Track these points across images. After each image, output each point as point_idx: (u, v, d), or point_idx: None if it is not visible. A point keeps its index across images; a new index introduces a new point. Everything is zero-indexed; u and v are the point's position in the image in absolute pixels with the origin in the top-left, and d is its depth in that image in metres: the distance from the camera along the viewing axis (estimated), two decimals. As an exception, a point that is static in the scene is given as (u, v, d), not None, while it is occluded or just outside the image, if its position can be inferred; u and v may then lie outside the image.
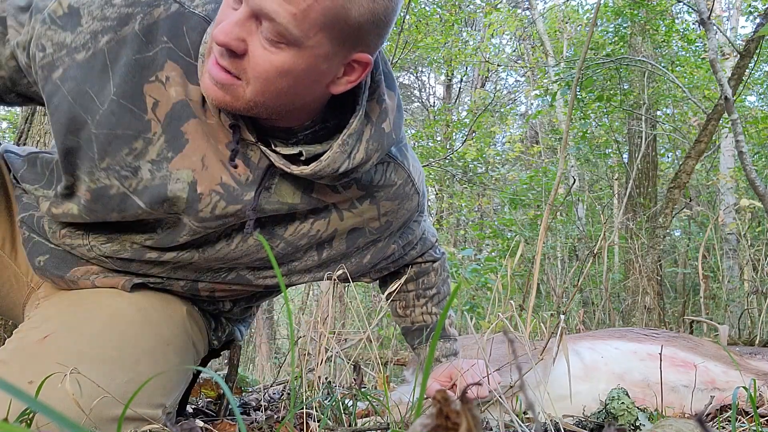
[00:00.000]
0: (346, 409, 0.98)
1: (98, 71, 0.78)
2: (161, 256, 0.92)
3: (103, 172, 0.81)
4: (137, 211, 0.84)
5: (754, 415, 0.65)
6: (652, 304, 3.00)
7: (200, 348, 1.04)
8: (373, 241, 1.02)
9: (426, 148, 7.74)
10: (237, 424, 0.93)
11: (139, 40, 0.78)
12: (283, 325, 7.86)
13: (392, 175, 0.95)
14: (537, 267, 1.41)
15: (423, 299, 1.19)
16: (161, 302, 0.97)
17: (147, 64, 0.78)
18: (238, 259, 0.95)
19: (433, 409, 0.27)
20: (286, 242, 0.93)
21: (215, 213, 0.85)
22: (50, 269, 0.94)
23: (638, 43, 5.34)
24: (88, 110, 0.78)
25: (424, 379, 0.33)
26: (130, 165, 0.81)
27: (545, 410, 1.07)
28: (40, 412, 0.23)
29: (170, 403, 0.92)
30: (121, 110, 0.78)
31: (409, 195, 0.99)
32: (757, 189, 2.35)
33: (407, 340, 1.22)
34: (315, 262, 1.00)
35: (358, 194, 0.93)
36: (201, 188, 0.83)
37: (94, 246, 0.92)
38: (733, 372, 1.22)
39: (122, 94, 0.78)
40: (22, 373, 0.79)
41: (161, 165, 0.81)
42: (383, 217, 0.98)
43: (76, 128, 0.79)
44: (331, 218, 0.93)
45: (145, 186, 0.82)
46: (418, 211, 1.05)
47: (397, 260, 1.13)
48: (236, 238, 0.92)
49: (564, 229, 5.16)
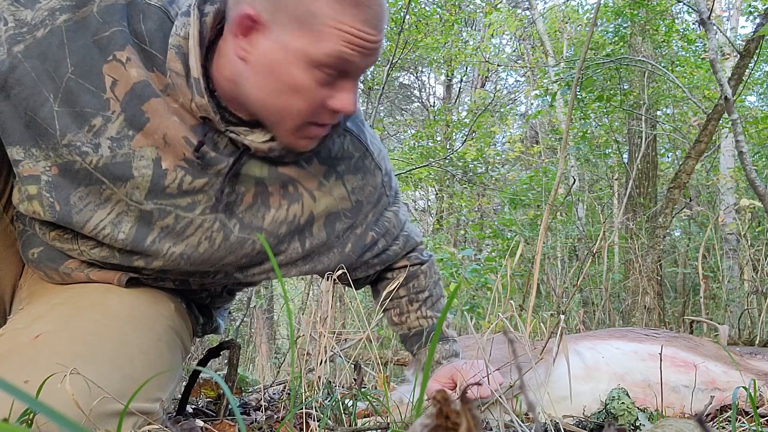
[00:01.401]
0: (346, 409, 0.98)
1: (55, 48, 0.80)
2: (149, 263, 0.93)
3: (65, 149, 0.83)
4: (101, 186, 0.85)
5: (754, 415, 0.65)
6: (652, 304, 3.00)
7: (187, 344, 1.06)
8: (350, 226, 1.04)
9: (426, 148, 7.75)
10: (237, 424, 0.93)
11: (97, 21, 0.81)
12: (283, 325, 7.87)
13: (349, 147, 0.99)
14: (537, 267, 1.41)
15: (416, 303, 1.19)
16: (150, 299, 0.97)
17: (104, 45, 0.82)
18: (224, 259, 0.95)
19: (433, 409, 0.27)
20: (267, 233, 0.95)
21: (182, 188, 0.87)
22: (44, 261, 0.94)
23: (638, 43, 5.34)
24: (50, 88, 0.81)
25: (424, 380, 0.33)
26: (90, 141, 0.83)
27: (546, 410, 1.07)
28: (41, 413, 0.23)
29: (166, 397, 0.92)
30: (79, 89, 0.81)
31: (370, 169, 1.03)
32: (757, 189, 2.35)
33: (406, 347, 1.22)
34: (299, 253, 1.01)
35: (321, 169, 0.97)
36: (165, 164, 0.86)
37: (84, 251, 0.92)
38: (733, 372, 1.22)
39: (80, 74, 0.81)
40: (18, 373, 0.78)
41: (122, 142, 0.84)
42: (352, 195, 1.02)
43: (38, 105, 0.81)
44: (304, 201, 0.96)
45: (106, 163, 0.84)
46: (386, 194, 1.08)
47: (382, 254, 1.14)
48: (218, 238, 0.92)
49: (564, 229, 5.17)
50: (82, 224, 0.87)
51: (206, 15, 0.82)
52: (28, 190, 0.86)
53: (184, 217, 0.89)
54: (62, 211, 0.86)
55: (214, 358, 1.21)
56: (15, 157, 0.84)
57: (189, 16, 0.82)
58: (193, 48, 0.81)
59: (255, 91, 0.82)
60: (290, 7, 0.75)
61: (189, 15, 0.82)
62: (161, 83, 0.84)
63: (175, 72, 0.82)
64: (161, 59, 0.84)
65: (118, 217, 0.88)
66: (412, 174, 7.13)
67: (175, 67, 0.82)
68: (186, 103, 0.84)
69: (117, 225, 0.88)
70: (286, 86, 0.79)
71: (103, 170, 0.84)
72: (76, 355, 0.81)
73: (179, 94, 0.84)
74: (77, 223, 0.87)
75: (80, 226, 0.87)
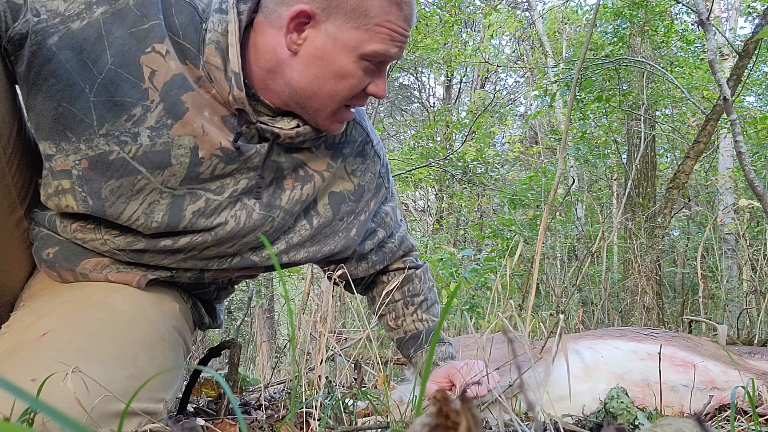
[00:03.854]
0: (347, 408, 0.98)
1: (93, 40, 0.81)
2: (175, 242, 0.94)
3: (102, 138, 0.84)
4: (136, 177, 0.87)
5: (752, 414, 0.65)
6: (651, 304, 3.00)
7: (189, 344, 1.07)
8: (354, 211, 1.10)
9: (426, 148, 7.75)
10: (238, 423, 0.93)
11: (134, 13, 0.83)
12: (283, 324, 7.87)
13: (353, 132, 1.07)
14: (536, 267, 1.41)
15: (412, 306, 1.22)
16: (155, 299, 0.98)
17: (143, 36, 0.83)
18: (245, 237, 0.98)
19: (432, 408, 0.28)
20: (284, 211, 1.00)
21: (215, 174, 0.92)
22: (60, 261, 0.94)
23: (637, 43, 5.34)
24: (86, 79, 0.81)
25: (424, 378, 0.33)
26: (129, 131, 0.85)
27: (545, 410, 1.07)
28: (42, 412, 0.24)
29: (169, 397, 0.92)
30: (119, 78, 0.82)
31: (370, 155, 1.10)
32: (755, 189, 2.35)
33: (402, 352, 1.24)
34: (308, 231, 1.05)
35: (328, 153, 1.04)
36: (202, 153, 0.89)
37: (108, 240, 0.92)
38: (732, 371, 1.23)
39: (119, 64, 0.82)
40: (24, 371, 0.79)
41: (161, 131, 0.86)
42: (354, 177, 1.09)
43: (73, 96, 0.81)
44: (315, 182, 1.03)
45: (145, 152, 0.86)
46: (385, 185, 1.15)
47: (380, 248, 1.19)
48: (242, 216, 0.96)
49: (563, 229, 5.17)
50: (117, 216, 0.89)
51: (242, 13, 0.88)
52: (62, 185, 0.87)
53: (214, 200, 0.93)
54: (95, 204, 0.87)
55: (215, 357, 1.21)
56: (48, 152, 0.85)
57: (226, 14, 0.87)
58: (234, 44, 0.86)
59: (300, 80, 0.89)
60: (345, 5, 0.84)
61: (225, 12, 0.87)
62: (193, 75, 0.87)
63: (214, 66, 0.86)
64: (193, 52, 0.87)
65: (150, 206, 0.90)
66: (412, 174, 7.14)
67: (214, 62, 0.86)
68: (220, 95, 0.88)
69: (150, 215, 0.90)
70: (334, 73, 0.88)
71: (141, 159, 0.86)
72: (81, 354, 0.82)
73: (214, 86, 0.88)
74: (111, 215, 0.88)
75: (115, 217, 0.89)
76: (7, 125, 0.85)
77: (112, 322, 0.88)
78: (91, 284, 0.95)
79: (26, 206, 0.96)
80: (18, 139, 0.89)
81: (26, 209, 0.96)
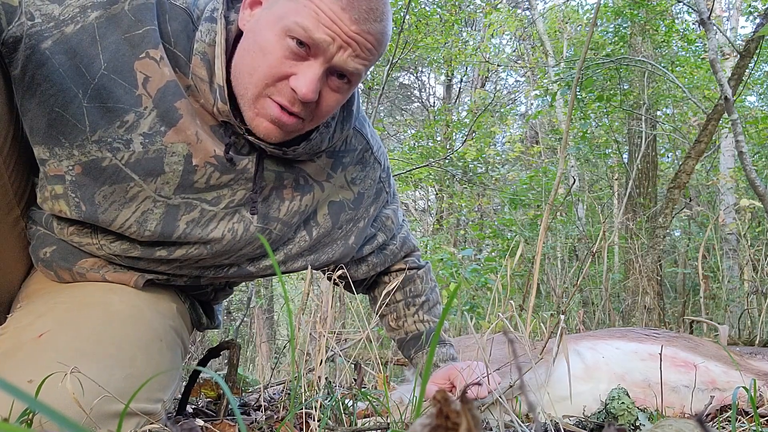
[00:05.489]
0: (346, 409, 0.98)
1: (87, 45, 0.80)
2: (171, 253, 0.93)
3: (95, 145, 0.83)
4: (129, 183, 0.86)
5: (754, 415, 0.65)
6: (652, 304, 3.00)
7: (186, 344, 1.07)
8: (353, 219, 1.08)
9: (426, 148, 7.75)
10: (237, 424, 0.93)
11: (129, 18, 0.82)
12: (283, 325, 7.86)
13: (353, 141, 1.05)
14: (537, 267, 1.41)
15: (413, 307, 1.21)
16: (152, 299, 0.98)
17: (137, 42, 0.82)
18: (242, 250, 0.97)
19: (433, 409, 0.27)
20: (282, 223, 0.98)
21: (210, 183, 0.90)
22: (57, 260, 0.94)
23: (638, 43, 5.34)
24: (80, 84, 0.80)
25: (424, 379, 0.33)
26: (121, 137, 0.83)
27: (546, 411, 1.07)
28: (40, 412, 0.23)
29: (167, 398, 0.92)
30: (112, 84, 0.81)
31: (370, 162, 1.09)
32: (757, 189, 2.35)
33: (403, 352, 1.24)
34: (307, 242, 1.04)
35: (329, 162, 1.02)
36: (196, 161, 0.87)
37: (104, 245, 0.92)
38: (733, 372, 1.22)
39: (113, 69, 0.81)
40: (22, 371, 0.78)
41: (154, 138, 0.84)
42: (354, 186, 1.07)
43: (66, 101, 0.80)
44: (314, 192, 1.01)
45: (137, 159, 0.85)
46: (385, 190, 1.14)
47: (381, 251, 1.18)
48: (239, 229, 0.95)
49: (564, 229, 5.16)
50: (109, 222, 0.88)
51: (231, 23, 0.86)
52: (55, 190, 0.86)
53: (209, 211, 0.92)
54: (88, 210, 0.86)
55: (214, 358, 1.21)
56: (41, 156, 0.85)
57: (214, 23, 0.84)
58: (220, 56, 0.83)
59: (236, 58, 0.85)
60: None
61: (214, 21, 0.84)
62: (183, 84, 0.86)
63: (199, 77, 0.85)
64: (184, 60, 0.86)
65: (143, 215, 0.88)
66: (412, 174, 7.13)
67: (199, 73, 0.84)
68: (207, 106, 0.87)
69: (143, 223, 0.89)
70: (258, 47, 0.81)
71: (134, 166, 0.85)
72: (79, 354, 0.81)
73: (201, 96, 0.86)
74: (104, 221, 0.87)
75: (107, 224, 0.88)
76: (4, 125, 0.85)
77: (109, 323, 0.88)
78: (88, 284, 0.95)
79: (23, 206, 0.96)
80: (15, 138, 0.88)
81: (23, 208, 0.96)
